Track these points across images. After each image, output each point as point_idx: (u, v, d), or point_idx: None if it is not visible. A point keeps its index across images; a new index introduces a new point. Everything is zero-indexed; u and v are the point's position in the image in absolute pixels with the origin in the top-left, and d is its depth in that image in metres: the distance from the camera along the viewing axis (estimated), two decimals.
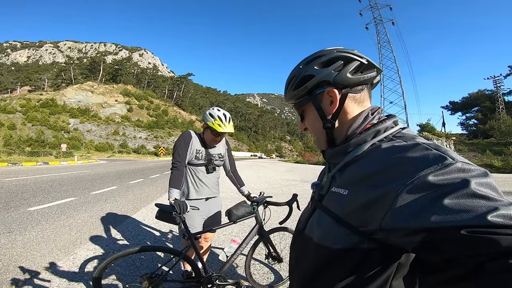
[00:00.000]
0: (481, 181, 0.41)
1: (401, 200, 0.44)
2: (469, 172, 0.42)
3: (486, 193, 0.40)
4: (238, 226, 4.29)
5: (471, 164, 0.45)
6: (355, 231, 0.52)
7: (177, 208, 1.70)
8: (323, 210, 0.63)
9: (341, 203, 0.57)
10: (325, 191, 0.66)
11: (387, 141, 0.57)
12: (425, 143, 0.51)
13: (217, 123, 2.04)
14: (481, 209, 0.38)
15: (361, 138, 0.60)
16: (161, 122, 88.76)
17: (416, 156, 0.47)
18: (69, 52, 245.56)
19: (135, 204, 6.31)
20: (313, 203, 0.72)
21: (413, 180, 0.44)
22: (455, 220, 0.39)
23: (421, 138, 0.55)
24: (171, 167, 2.10)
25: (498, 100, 55.09)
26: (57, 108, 78.15)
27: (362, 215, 0.51)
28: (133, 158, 47.74)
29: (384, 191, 0.47)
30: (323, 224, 0.60)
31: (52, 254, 3.27)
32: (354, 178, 0.57)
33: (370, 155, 0.57)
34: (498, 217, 0.37)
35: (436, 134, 38.32)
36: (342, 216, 0.55)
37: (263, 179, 12.91)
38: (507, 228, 0.37)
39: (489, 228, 0.37)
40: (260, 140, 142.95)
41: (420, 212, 0.42)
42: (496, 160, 27.01)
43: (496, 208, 0.38)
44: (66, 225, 4.50)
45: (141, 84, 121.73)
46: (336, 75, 0.62)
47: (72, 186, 8.89)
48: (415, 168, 0.45)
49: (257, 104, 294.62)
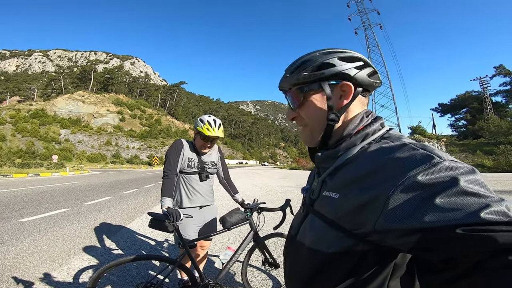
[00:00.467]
0: (469, 178, 0.42)
1: (393, 201, 0.44)
2: (457, 170, 0.43)
3: (476, 190, 0.40)
4: (235, 233, 4.28)
5: (458, 161, 0.45)
6: (348, 234, 0.52)
7: (170, 217, 1.71)
8: (315, 215, 0.62)
9: (333, 206, 0.56)
10: (316, 195, 0.65)
11: (375, 143, 0.58)
12: (412, 143, 0.51)
13: (206, 127, 2.08)
14: (473, 207, 0.39)
15: (351, 141, 0.61)
16: (154, 132, 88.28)
17: (404, 157, 0.48)
18: (59, 61, 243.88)
19: (130, 214, 6.25)
20: (304, 207, 0.71)
21: (403, 180, 0.44)
22: (449, 219, 0.39)
23: (407, 138, 0.56)
24: (162, 176, 2.10)
25: (486, 101, 56.50)
26: (48, 119, 76.96)
27: (355, 218, 0.51)
28: (126, 168, 47.15)
29: (375, 193, 0.48)
30: (316, 228, 0.60)
31: (46, 264, 3.23)
32: (345, 182, 0.57)
33: (360, 158, 0.57)
34: (491, 213, 0.38)
35: (427, 136, 38.97)
36: (335, 220, 0.55)
37: (259, 186, 12.93)
38: (501, 224, 0.37)
39: (483, 225, 0.37)
40: (255, 147, 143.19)
41: (413, 212, 0.42)
42: (487, 160, 27.58)
43: (488, 204, 0.38)
44: (59, 235, 4.44)
45: (133, 93, 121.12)
46: (357, 73, 0.63)
47: (65, 197, 8.76)
48: (404, 169, 0.46)
49: (250, 111, 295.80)
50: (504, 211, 0.38)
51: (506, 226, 0.37)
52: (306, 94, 0.66)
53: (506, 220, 0.37)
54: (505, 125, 35.87)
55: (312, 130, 0.67)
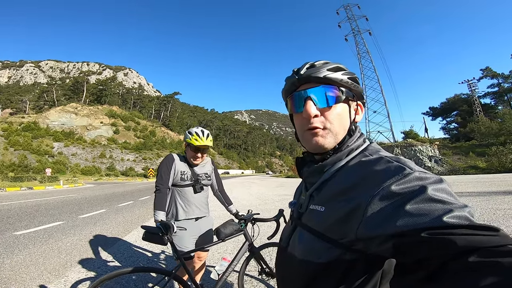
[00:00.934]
0: (437, 187, 0.46)
1: (370, 210, 0.49)
2: (426, 180, 0.47)
3: (442, 197, 0.44)
4: (232, 243, 4.30)
5: (427, 172, 0.50)
6: (335, 244, 0.55)
7: (163, 229, 1.73)
8: (303, 227, 0.65)
9: (320, 219, 0.60)
10: (304, 209, 0.68)
11: (357, 157, 0.63)
12: (388, 156, 0.57)
13: (194, 138, 2.14)
14: (438, 212, 0.42)
15: (336, 157, 0.64)
16: (149, 143, 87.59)
17: (380, 169, 0.53)
18: (51, 72, 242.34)
19: (126, 226, 6.22)
20: (293, 221, 0.73)
21: (379, 190, 0.49)
22: (416, 224, 0.42)
23: (385, 152, 0.62)
24: (155, 191, 2.15)
25: (475, 103, 57.63)
26: (40, 132, 75.92)
27: (340, 228, 0.54)
28: (121, 180, 46.54)
29: (356, 203, 0.52)
30: (305, 240, 0.63)
31: (42, 276, 3.22)
32: (330, 195, 0.60)
33: (343, 172, 0.62)
34: (453, 218, 0.41)
35: (420, 140, 39.37)
36: (322, 231, 0.58)
37: (255, 196, 12.91)
38: (462, 228, 0.40)
39: (445, 229, 0.40)
40: (250, 157, 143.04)
41: (387, 219, 0.46)
42: (480, 162, 28.05)
43: (451, 210, 0.42)
44: (55, 248, 4.41)
45: (127, 104, 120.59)
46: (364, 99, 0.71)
47: (59, 210, 8.67)
48: (380, 180, 0.50)
49: (245, 121, 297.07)
50: (466, 216, 0.42)
51: (466, 229, 0.39)
52: (345, 99, 0.66)
53: (467, 223, 0.40)
54: (495, 126, 36.49)
55: (335, 133, 0.65)
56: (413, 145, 36.59)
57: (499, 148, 26.13)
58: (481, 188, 10.52)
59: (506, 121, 34.92)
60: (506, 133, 33.58)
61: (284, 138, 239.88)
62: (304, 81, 0.66)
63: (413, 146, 36.29)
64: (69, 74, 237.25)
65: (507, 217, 5.12)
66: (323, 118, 0.64)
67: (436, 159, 33.97)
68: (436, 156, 34.70)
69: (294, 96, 0.68)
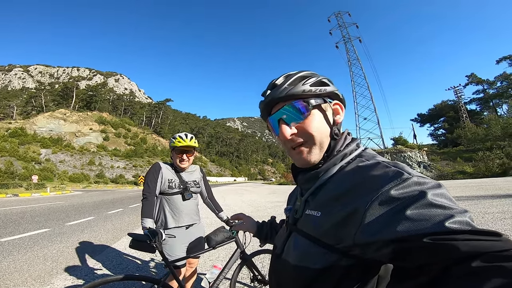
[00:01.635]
0: (436, 192, 0.45)
1: (369, 215, 0.48)
2: (424, 185, 0.47)
3: (442, 203, 0.44)
4: (224, 250, 4.25)
5: (425, 177, 0.49)
6: (331, 250, 0.54)
7: (151, 237, 1.68)
8: (298, 233, 0.64)
9: (316, 224, 0.59)
10: (299, 214, 0.67)
11: (352, 162, 0.63)
12: (385, 161, 0.57)
13: (177, 140, 2.15)
14: (439, 217, 0.42)
15: (331, 162, 0.64)
16: (139, 151, 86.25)
17: (378, 174, 0.52)
18: (40, 77, 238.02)
19: (115, 234, 6.08)
20: (288, 227, 0.73)
21: (377, 195, 0.48)
22: (418, 229, 0.42)
23: (380, 157, 0.62)
24: (142, 199, 2.11)
25: (461, 109, 59.30)
26: (27, 138, 74.01)
27: (336, 233, 0.53)
28: (111, 188, 45.68)
29: (353, 208, 0.51)
30: (300, 246, 0.62)
31: (27, 283, 3.13)
32: (326, 200, 0.60)
33: (339, 177, 0.61)
34: (455, 223, 0.41)
35: (409, 146, 40.17)
36: (318, 237, 0.57)
37: (248, 203, 12.84)
38: (464, 233, 0.39)
39: (448, 234, 0.40)
40: (243, 164, 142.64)
41: (387, 224, 0.45)
42: (467, 167, 28.73)
43: (452, 215, 0.42)
44: (41, 255, 4.29)
45: (118, 111, 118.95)
46: (342, 95, 0.69)
47: (45, 218, 8.44)
48: (378, 185, 0.50)
49: (237, 128, 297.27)
50: (467, 221, 0.42)
51: (468, 234, 0.39)
52: (314, 107, 0.65)
53: (469, 229, 0.40)
54: (481, 132, 37.58)
55: (318, 145, 0.65)
56: (403, 151, 37.28)
57: (486, 153, 26.85)
58: (469, 192, 10.71)
59: (492, 127, 36.04)
60: (492, 138, 34.63)
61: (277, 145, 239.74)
62: (273, 104, 0.67)
63: (403, 152, 36.98)
64: (59, 79, 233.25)
65: (495, 220, 5.22)
66: (302, 133, 0.64)
67: (425, 164, 34.64)
68: (425, 162, 35.40)
69: (270, 121, 0.69)
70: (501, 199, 8.12)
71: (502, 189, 10.88)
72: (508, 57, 58.49)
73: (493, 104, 61.20)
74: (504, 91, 57.93)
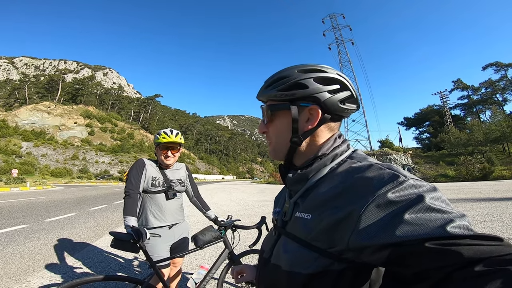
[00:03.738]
0: (433, 195, 0.45)
1: (364, 219, 0.46)
2: (421, 188, 0.46)
3: (440, 206, 0.43)
4: (211, 249, 4.19)
5: (421, 180, 0.49)
6: (323, 254, 0.52)
7: (135, 236, 1.61)
8: (288, 236, 0.62)
9: (306, 227, 0.56)
10: (288, 217, 0.65)
11: (344, 163, 0.61)
12: (378, 163, 0.55)
13: (162, 136, 2.10)
14: (439, 222, 0.41)
15: (321, 162, 0.62)
16: (126, 146, 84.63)
17: (372, 176, 0.51)
18: (25, 69, 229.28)
19: (97, 231, 5.92)
20: (276, 230, 0.70)
21: (373, 198, 0.47)
22: (418, 234, 0.41)
23: (372, 158, 0.60)
24: (124, 196, 2.03)
25: (446, 114, 60.95)
26: (8, 130, 71.29)
27: (329, 237, 0.52)
28: (94, 183, 44.55)
29: (347, 211, 0.49)
30: (290, 250, 0.59)
31: (1, 281, 3.01)
32: (317, 202, 0.57)
33: (330, 178, 0.59)
34: (456, 228, 0.40)
35: (395, 149, 41.17)
36: (309, 240, 0.55)
37: (235, 202, 12.81)
38: (466, 238, 0.39)
39: (450, 239, 0.40)
40: (231, 162, 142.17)
41: (384, 228, 0.44)
42: (449, 170, 29.65)
43: (452, 220, 0.41)
44: (17, 252, 4.13)
45: (105, 105, 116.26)
46: (328, 98, 0.61)
47: (24, 213, 8.16)
48: (373, 187, 0.48)
49: (227, 126, 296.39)
50: (467, 226, 0.41)
51: (470, 239, 0.39)
52: (275, 112, 0.66)
53: (471, 233, 0.40)
54: (464, 137, 38.87)
55: (276, 148, 0.68)
56: (388, 153, 38.10)
57: (467, 157, 27.74)
58: (450, 195, 10.99)
59: (474, 132, 37.36)
60: (474, 143, 35.86)
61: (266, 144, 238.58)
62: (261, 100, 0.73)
63: (388, 154, 37.80)
64: (44, 72, 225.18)
65: (476, 223, 5.39)
66: (268, 135, 0.70)
67: (409, 167, 35.50)
68: (409, 165, 36.30)
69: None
70: (480, 202, 8.38)
71: (482, 193, 11.20)
72: (494, 63, 59.71)
73: (476, 110, 63.18)
74: (488, 97, 59.68)
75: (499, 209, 6.84)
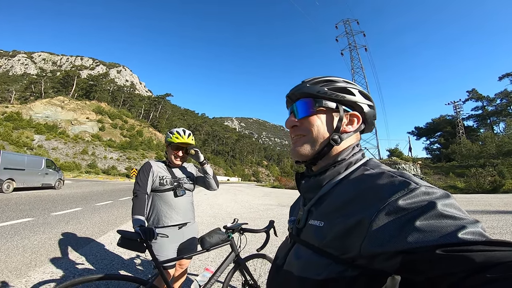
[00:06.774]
0: (445, 202, 0.45)
1: (375, 226, 0.47)
2: (433, 195, 0.46)
3: (452, 213, 0.43)
4: (216, 252, 4.13)
5: (433, 187, 0.48)
6: (336, 260, 0.53)
7: (142, 235, 1.60)
8: (301, 244, 0.63)
9: (319, 234, 0.57)
10: (302, 224, 0.66)
11: (357, 171, 0.62)
12: (390, 170, 0.56)
13: (175, 136, 2.10)
14: (451, 228, 0.41)
15: (335, 170, 0.64)
16: (135, 143, 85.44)
17: (383, 183, 0.51)
18: (43, 64, 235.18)
19: (102, 227, 5.93)
20: (291, 238, 0.71)
21: (384, 205, 0.47)
22: (429, 240, 0.41)
23: (385, 166, 0.61)
24: (132, 198, 2.04)
25: (458, 125, 59.39)
26: (22, 123, 72.92)
27: (341, 244, 0.52)
28: (102, 179, 45.15)
29: (359, 218, 0.50)
30: (303, 256, 0.60)
31: (2, 275, 3.00)
32: (329, 209, 0.59)
33: (343, 186, 0.61)
34: (468, 234, 0.40)
35: (404, 158, 40.51)
36: (321, 247, 0.56)
37: (240, 204, 12.76)
38: (478, 244, 0.39)
39: (461, 245, 0.39)
40: (237, 164, 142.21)
41: (395, 235, 0.44)
42: (459, 182, 28.96)
43: (464, 226, 0.41)
44: (20, 246, 4.15)
45: (116, 102, 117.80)
46: (368, 111, 0.69)
47: (30, 206, 8.26)
48: (385, 194, 0.49)
49: (235, 128, 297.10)
50: (480, 232, 0.41)
51: (483, 245, 0.39)
52: (321, 107, 0.68)
53: (483, 239, 0.40)
54: (476, 149, 37.91)
55: (311, 141, 0.68)
56: (397, 163, 37.50)
57: (478, 170, 27.04)
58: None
59: (487, 144, 36.33)
60: (486, 156, 34.91)
61: (272, 148, 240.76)
62: (293, 97, 0.73)
63: (397, 164, 37.20)
64: (61, 68, 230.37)
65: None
66: (303, 127, 0.69)
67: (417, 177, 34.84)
68: (418, 175, 35.57)
69: (288, 111, 0.76)
70: (490, 214, 8.15)
71: (492, 205, 10.90)
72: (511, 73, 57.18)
73: (490, 121, 61.17)
74: (503, 108, 57.56)
75: (509, 222, 6.66)
